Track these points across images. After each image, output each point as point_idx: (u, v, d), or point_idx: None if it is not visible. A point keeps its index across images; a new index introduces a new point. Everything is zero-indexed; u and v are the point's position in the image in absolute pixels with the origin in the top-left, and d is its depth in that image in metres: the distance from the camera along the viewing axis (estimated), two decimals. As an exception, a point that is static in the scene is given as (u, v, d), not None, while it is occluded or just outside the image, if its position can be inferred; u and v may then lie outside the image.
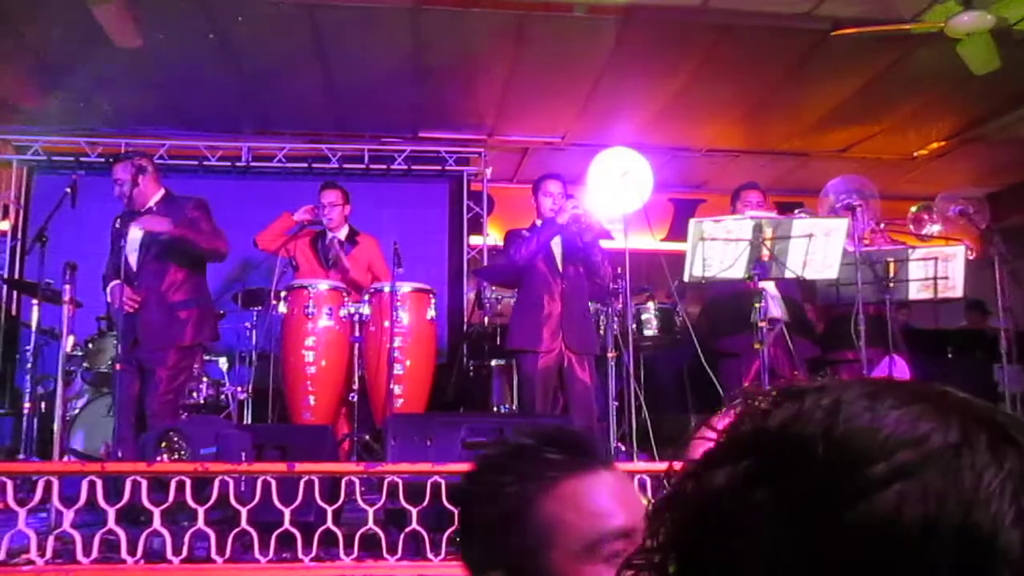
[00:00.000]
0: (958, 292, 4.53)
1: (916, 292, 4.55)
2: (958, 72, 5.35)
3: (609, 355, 4.58)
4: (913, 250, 4.56)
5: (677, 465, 0.49)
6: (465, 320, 7.13)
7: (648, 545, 0.47)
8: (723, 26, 5.56)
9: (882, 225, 4.98)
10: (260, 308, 5.80)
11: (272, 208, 6.93)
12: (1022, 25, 5.09)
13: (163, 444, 3.11)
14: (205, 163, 7.34)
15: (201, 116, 7.17)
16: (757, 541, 0.42)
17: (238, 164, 7.43)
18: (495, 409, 5.88)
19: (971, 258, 4.70)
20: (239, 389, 5.68)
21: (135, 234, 4.59)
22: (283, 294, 5.18)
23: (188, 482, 2.99)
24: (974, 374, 6.33)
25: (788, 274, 4.28)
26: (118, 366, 4.34)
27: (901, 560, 0.39)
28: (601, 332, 4.97)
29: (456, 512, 1.15)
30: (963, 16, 4.63)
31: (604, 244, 4.90)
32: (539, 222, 4.87)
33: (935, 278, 4.45)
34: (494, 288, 6.35)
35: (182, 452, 3.15)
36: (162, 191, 4.81)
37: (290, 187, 7.39)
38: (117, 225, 4.69)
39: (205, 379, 5.48)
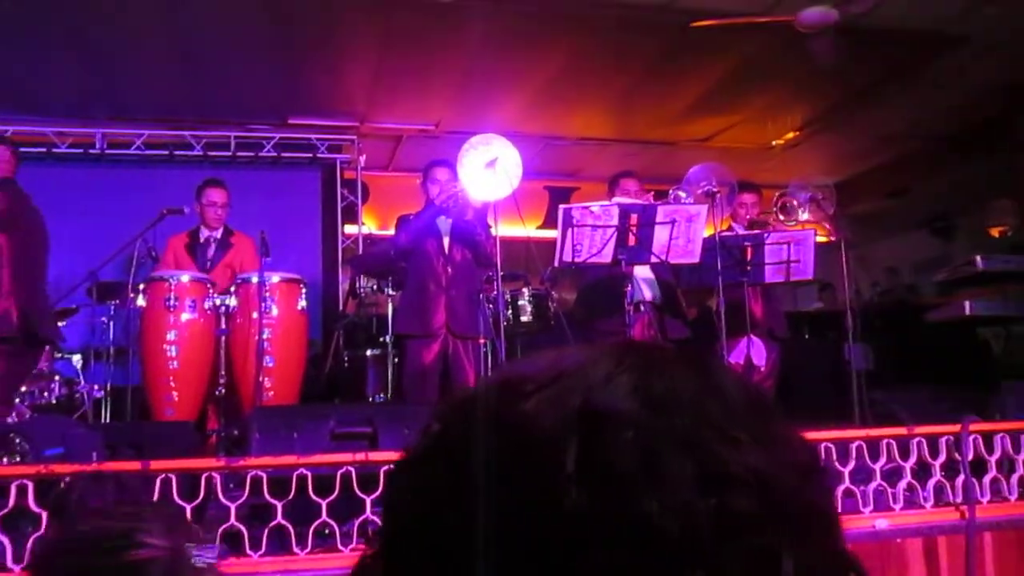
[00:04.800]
0: (808, 274, 4.79)
1: (771, 275, 4.78)
2: (809, 64, 5.63)
3: (481, 340, 4.60)
4: (768, 235, 4.79)
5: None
6: (340, 310, 7.00)
7: (377, 536, 0.51)
8: (590, 16, 5.65)
9: (761, 217, 5.22)
10: (117, 302, 5.51)
11: (131, 197, 6.62)
12: (867, 20, 5.40)
13: (2, 446, 2.91)
14: (54, 150, 6.91)
15: (47, 101, 6.75)
16: (440, 496, 0.45)
17: (91, 151, 7.04)
18: (370, 399, 5.81)
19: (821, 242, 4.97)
20: (95, 387, 5.38)
21: None
22: (142, 287, 4.93)
23: (30, 486, 2.81)
24: (827, 354, 6.71)
25: (653, 258, 4.42)
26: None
27: (543, 453, 0.43)
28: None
29: None
30: (811, 10, 4.88)
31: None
32: None
33: (788, 261, 4.68)
34: (369, 277, 6.27)
35: (23, 454, 2.96)
36: None
37: (151, 175, 7.08)
38: None
39: (57, 377, 5.17)
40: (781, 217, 5.05)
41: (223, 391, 4.84)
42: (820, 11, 4.83)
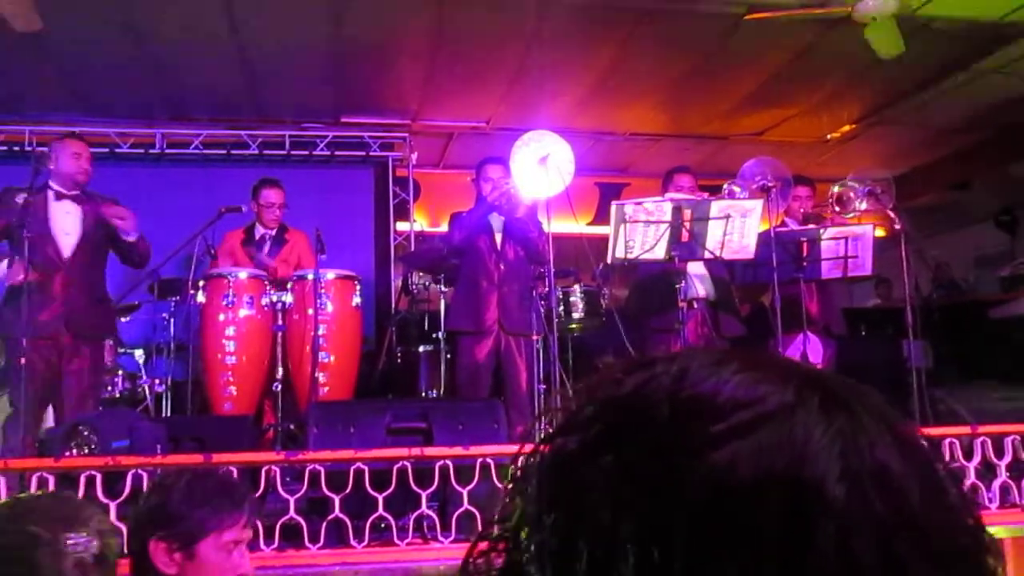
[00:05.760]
0: (867, 270, 4.70)
1: (828, 271, 4.69)
2: (866, 56, 5.52)
3: (534, 337, 4.60)
4: (824, 230, 4.70)
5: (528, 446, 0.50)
6: (392, 306, 7.07)
7: (502, 515, 0.48)
8: (642, 10, 5.61)
9: (816, 211, 5.14)
10: (177, 298, 5.65)
11: (189, 195, 6.77)
12: (924, 10, 5.28)
13: (71, 438, 3.01)
14: (116, 150, 7.09)
15: (109, 102, 6.92)
16: (602, 506, 0.43)
17: (152, 151, 7.21)
18: (423, 395, 5.86)
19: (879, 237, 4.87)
20: (156, 382, 5.52)
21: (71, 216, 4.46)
22: (201, 283, 5.05)
23: (98, 477, 2.90)
24: (885, 350, 6.58)
25: (706, 255, 4.37)
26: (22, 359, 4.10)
27: (734, 513, 0.41)
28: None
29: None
30: (868, 1, 4.77)
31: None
32: None
33: (845, 257, 4.60)
34: (421, 274, 6.32)
35: (92, 446, 3.05)
36: None
37: (208, 174, 7.22)
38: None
39: (120, 372, 5.31)
40: (837, 209, 4.95)
41: (279, 386, 4.92)
42: (879, 1, 4.72)
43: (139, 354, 5.75)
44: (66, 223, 4.44)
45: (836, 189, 4.98)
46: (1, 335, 4.27)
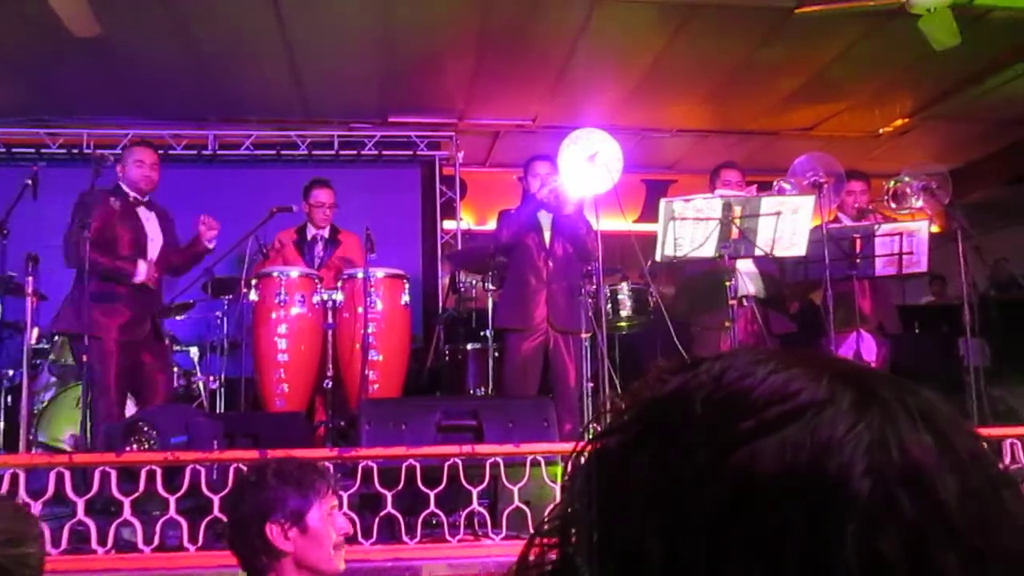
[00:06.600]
0: (922, 267, 4.60)
1: (882, 268, 4.61)
2: (920, 49, 5.40)
3: (582, 335, 4.59)
4: (878, 226, 4.62)
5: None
6: (440, 304, 7.12)
7: (554, 512, 0.49)
8: (690, 4, 5.57)
9: (871, 206, 5.06)
10: (230, 297, 5.75)
11: (241, 196, 6.88)
12: (981, 0, 5.15)
13: (132, 434, 3.08)
14: (170, 152, 7.24)
15: (163, 105, 7.08)
16: (635, 504, 0.44)
17: (204, 152, 7.35)
18: (471, 392, 5.88)
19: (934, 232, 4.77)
20: (211, 379, 5.63)
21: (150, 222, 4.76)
22: (254, 282, 5.13)
23: (158, 471, 2.97)
24: (940, 348, 6.45)
25: (757, 252, 4.32)
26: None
27: (757, 510, 0.41)
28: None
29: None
30: (924, -8, 4.68)
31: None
32: None
33: (900, 254, 4.51)
34: (468, 272, 6.35)
35: (151, 442, 3.12)
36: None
37: (259, 174, 7.35)
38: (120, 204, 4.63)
39: (175, 369, 5.42)
40: (893, 205, 4.85)
41: (330, 383, 4.98)
42: (934, -8, 4.62)
43: (193, 351, 5.87)
44: (149, 228, 4.72)
45: (891, 185, 4.88)
46: (92, 336, 4.41)
